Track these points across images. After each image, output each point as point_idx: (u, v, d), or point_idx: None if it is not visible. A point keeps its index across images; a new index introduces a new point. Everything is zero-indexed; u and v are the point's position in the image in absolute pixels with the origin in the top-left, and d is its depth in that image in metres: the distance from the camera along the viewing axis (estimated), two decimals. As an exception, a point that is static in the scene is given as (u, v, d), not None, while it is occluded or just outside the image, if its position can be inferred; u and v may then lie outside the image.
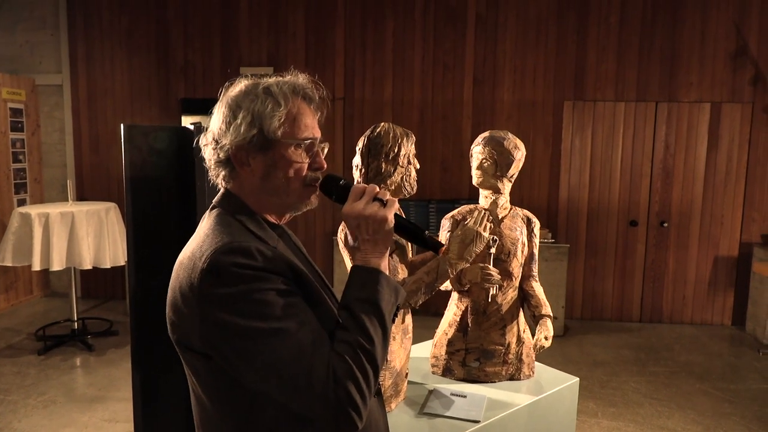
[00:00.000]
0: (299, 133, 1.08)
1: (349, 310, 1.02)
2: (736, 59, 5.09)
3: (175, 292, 1.01)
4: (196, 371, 1.04)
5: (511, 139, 1.99)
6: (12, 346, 4.56)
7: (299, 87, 1.09)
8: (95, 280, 5.96)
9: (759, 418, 3.51)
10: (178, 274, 1.02)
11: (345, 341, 0.98)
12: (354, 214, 1.07)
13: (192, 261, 0.99)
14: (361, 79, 5.48)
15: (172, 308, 1.03)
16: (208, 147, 1.10)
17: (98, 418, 3.40)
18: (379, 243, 1.08)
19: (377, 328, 1.01)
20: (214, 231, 1.02)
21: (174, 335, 1.04)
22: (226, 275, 0.94)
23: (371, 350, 0.98)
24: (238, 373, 0.97)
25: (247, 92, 1.07)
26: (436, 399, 1.86)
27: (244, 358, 0.94)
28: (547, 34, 5.26)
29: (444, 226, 2.03)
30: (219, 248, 0.96)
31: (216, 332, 0.95)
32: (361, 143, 1.77)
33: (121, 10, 5.68)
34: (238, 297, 0.93)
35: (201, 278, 0.95)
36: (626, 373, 4.19)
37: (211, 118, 1.11)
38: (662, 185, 5.27)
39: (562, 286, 4.93)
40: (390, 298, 1.06)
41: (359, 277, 1.06)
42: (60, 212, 4.30)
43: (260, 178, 1.08)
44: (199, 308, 0.95)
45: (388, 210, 1.08)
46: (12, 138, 5.53)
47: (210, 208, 1.13)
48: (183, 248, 1.08)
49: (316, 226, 5.62)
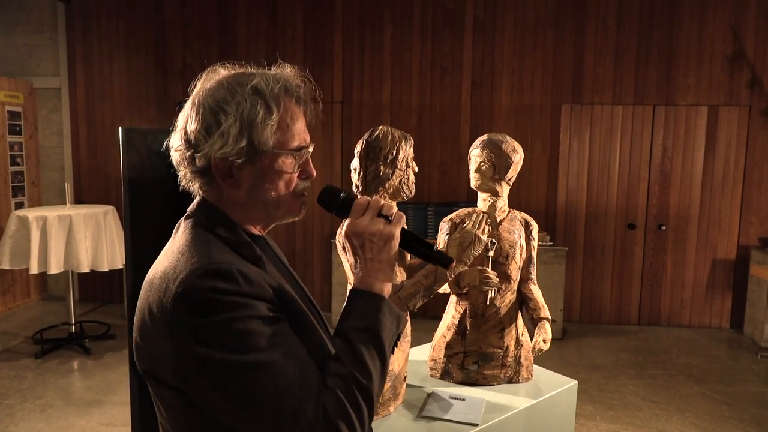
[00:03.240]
0: (291, 141, 0.97)
1: (346, 340, 0.91)
2: (733, 62, 5.11)
3: (144, 315, 0.89)
4: (166, 404, 0.92)
5: (509, 142, 2.00)
6: (9, 349, 4.54)
7: (291, 87, 0.98)
8: (93, 284, 5.94)
9: (757, 421, 3.51)
10: (148, 295, 0.89)
11: (338, 374, 0.87)
12: (357, 231, 0.97)
13: (164, 282, 0.87)
14: (359, 82, 5.49)
15: (140, 333, 0.90)
16: (179, 152, 0.95)
17: (96, 422, 3.39)
18: (384, 262, 0.97)
19: (376, 361, 0.91)
20: (190, 249, 0.90)
21: (141, 363, 0.93)
22: (203, 302, 0.83)
23: (367, 385, 0.88)
24: (215, 411, 0.86)
25: (231, 90, 0.93)
26: (434, 402, 1.86)
27: (222, 395, 0.83)
28: (545, 37, 5.27)
29: (442, 229, 2.03)
30: (195, 270, 0.85)
31: (191, 366, 0.83)
32: (359, 146, 1.78)
33: (119, 12, 5.68)
34: (217, 327, 0.82)
35: (174, 305, 0.83)
36: (624, 376, 4.19)
37: (180, 115, 0.97)
38: (660, 188, 5.28)
39: (561, 289, 4.93)
40: (392, 328, 0.96)
41: (359, 303, 0.95)
42: (58, 215, 4.30)
43: (246, 191, 0.96)
44: (172, 339, 0.84)
45: (394, 226, 0.98)
46: (10, 141, 5.52)
47: (185, 218, 1.00)
48: (154, 263, 0.95)
49: (314, 229, 5.62)
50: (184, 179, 0.99)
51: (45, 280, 6.04)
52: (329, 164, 5.54)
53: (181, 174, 0.99)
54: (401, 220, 1.00)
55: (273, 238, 1.20)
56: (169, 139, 0.99)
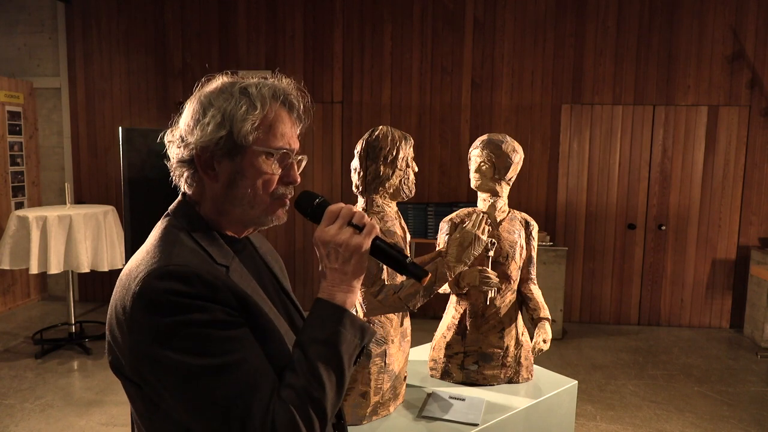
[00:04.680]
0: (273, 141, 0.98)
1: (303, 351, 0.90)
2: (733, 62, 5.11)
3: (111, 311, 0.92)
4: (131, 397, 0.95)
5: (509, 142, 2.00)
6: (9, 349, 4.54)
7: (280, 91, 0.99)
8: (93, 284, 5.94)
9: (757, 421, 3.51)
10: (116, 292, 0.92)
11: (291, 386, 0.87)
12: (324, 239, 0.96)
13: (128, 280, 0.89)
14: (359, 83, 5.49)
15: (109, 328, 0.93)
16: (173, 144, 1.00)
17: (95, 422, 3.39)
18: (348, 273, 0.96)
19: (331, 374, 0.89)
20: (155, 248, 0.92)
21: (109, 356, 0.95)
22: (158, 303, 0.84)
23: (319, 398, 0.87)
24: (168, 408, 0.89)
25: (223, 90, 0.98)
26: (434, 402, 1.86)
27: (174, 396, 0.85)
28: (545, 37, 5.27)
29: (442, 229, 2.03)
30: (153, 271, 0.86)
31: (145, 364, 0.86)
32: (359, 146, 1.78)
33: (119, 13, 5.69)
34: (171, 329, 0.83)
35: (132, 303, 0.85)
36: (624, 376, 4.19)
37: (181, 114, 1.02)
38: (660, 188, 5.29)
39: (561, 289, 4.93)
40: (353, 340, 0.94)
41: (320, 314, 0.94)
42: (58, 215, 4.30)
43: (224, 186, 0.98)
44: (129, 336, 0.86)
45: (364, 237, 0.96)
46: (10, 141, 5.52)
47: (164, 215, 1.03)
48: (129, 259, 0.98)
49: (314, 230, 5.61)
50: (173, 173, 1.03)
51: (45, 280, 6.04)
52: (329, 164, 5.54)
53: (173, 167, 1.02)
54: (372, 231, 0.97)
55: (273, 237, 1.21)
56: (164, 133, 1.04)
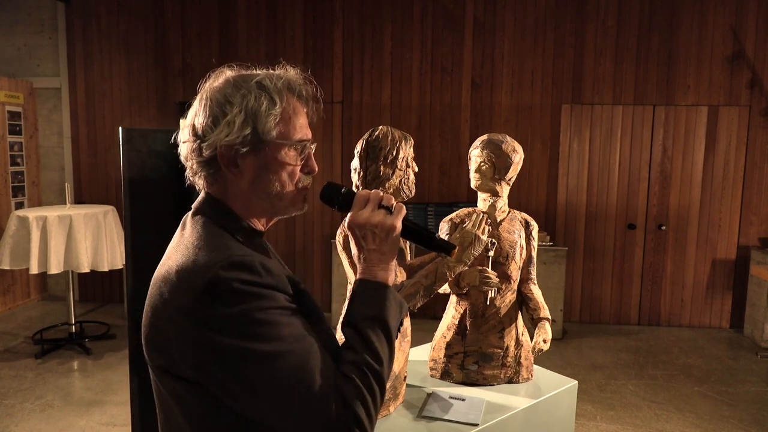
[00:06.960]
0: (294, 134, 1.00)
1: (355, 328, 0.95)
2: (733, 62, 5.11)
3: (157, 311, 0.92)
4: (178, 397, 0.94)
5: (509, 142, 1.99)
6: (9, 349, 4.54)
7: (294, 84, 1.02)
8: (93, 284, 5.94)
9: (757, 421, 3.51)
10: (161, 291, 0.91)
11: (352, 362, 0.92)
12: (359, 222, 1.00)
13: (182, 276, 0.89)
14: (359, 83, 5.49)
15: (153, 328, 0.93)
16: (187, 144, 1.00)
17: (96, 422, 3.39)
18: (386, 253, 1.01)
19: (385, 347, 0.96)
20: (207, 243, 0.93)
21: (154, 360, 0.95)
22: (227, 294, 0.86)
23: (380, 370, 0.93)
24: (234, 400, 0.88)
25: (237, 85, 0.98)
26: (434, 402, 1.86)
27: (243, 385, 0.86)
28: (545, 37, 5.27)
29: (442, 230, 2.03)
30: (218, 263, 0.87)
31: (212, 357, 0.86)
32: (359, 146, 1.78)
33: (119, 12, 5.69)
34: (240, 317, 0.85)
35: (197, 297, 0.86)
36: (625, 376, 4.19)
37: (189, 112, 1.01)
38: (660, 188, 5.29)
39: (561, 289, 4.93)
40: (396, 314, 1.00)
41: (365, 292, 1.00)
42: (58, 215, 4.30)
43: (249, 181, 0.99)
44: (194, 331, 0.86)
45: (395, 217, 1.01)
46: (10, 141, 5.52)
47: (191, 214, 1.03)
48: (162, 260, 0.98)
49: (314, 229, 5.62)
50: (190, 172, 1.03)
51: (45, 280, 6.04)
52: (329, 164, 5.54)
53: (188, 167, 1.02)
54: (402, 211, 1.03)
55: (273, 236, 1.22)
56: (176, 134, 1.04)
